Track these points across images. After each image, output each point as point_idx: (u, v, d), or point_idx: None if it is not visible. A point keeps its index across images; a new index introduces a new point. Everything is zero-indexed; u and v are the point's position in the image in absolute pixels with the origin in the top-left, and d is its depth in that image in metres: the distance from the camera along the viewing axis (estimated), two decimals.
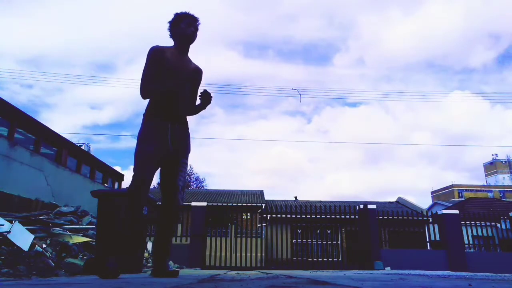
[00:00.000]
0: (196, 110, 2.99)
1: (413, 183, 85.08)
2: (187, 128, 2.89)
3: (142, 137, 2.72)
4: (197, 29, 2.84)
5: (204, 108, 2.94)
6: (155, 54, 2.71)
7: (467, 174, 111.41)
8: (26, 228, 4.21)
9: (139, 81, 2.72)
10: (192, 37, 2.84)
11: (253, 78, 76.68)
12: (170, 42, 2.92)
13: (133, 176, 2.70)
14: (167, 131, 2.71)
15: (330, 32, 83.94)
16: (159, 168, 2.82)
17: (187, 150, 2.87)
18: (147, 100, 2.82)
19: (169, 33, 2.87)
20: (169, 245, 2.80)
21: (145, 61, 2.74)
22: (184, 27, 2.80)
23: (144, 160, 2.68)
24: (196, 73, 2.95)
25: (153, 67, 2.71)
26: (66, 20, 67.70)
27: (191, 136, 2.94)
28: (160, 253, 2.77)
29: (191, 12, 2.86)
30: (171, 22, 2.84)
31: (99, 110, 76.73)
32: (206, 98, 2.84)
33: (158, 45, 2.77)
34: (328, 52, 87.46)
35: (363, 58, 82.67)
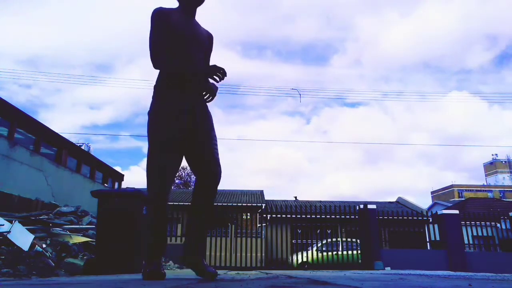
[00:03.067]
0: None
1: (413, 183, 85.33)
2: (205, 100, 2.54)
3: (156, 116, 2.35)
4: None
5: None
6: (160, 17, 2.38)
7: (466, 174, 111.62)
8: (26, 228, 4.21)
9: (148, 49, 2.39)
10: None
11: (251, 78, 76.73)
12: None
13: (151, 166, 2.32)
14: (184, 106, 2.36)
15: (328, 33, 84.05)
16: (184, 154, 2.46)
17: (211, 121, 2.52)
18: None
19: None
20: (202, 238, 2.42)
21: (150, 26, 2.40)
22: None
23: (163, 143, 2.30)
24: (208, 40, 2.64)
25: (160, 32, 2.37)
26: (64, 20, 67.79)
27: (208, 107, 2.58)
28: (194, 243, 2.35)
29: None
30: None
31: (98, 110, 76.76)
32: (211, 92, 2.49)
33: (161, 7, 2.43)
34: (326, 52, 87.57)
35: (360, 59, 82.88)
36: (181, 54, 2.41)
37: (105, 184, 16.36)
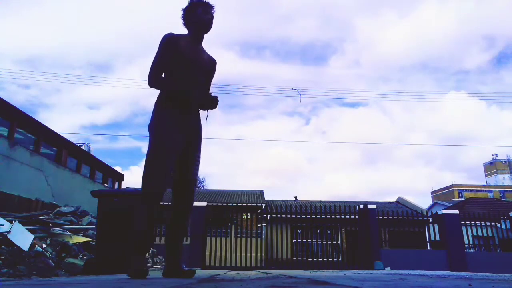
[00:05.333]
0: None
1: (412, 183, 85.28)
2: (199, 120, 2.79)
3: (157, 127, 2.57)
4: (213, 16, 2.74)
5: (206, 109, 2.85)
6: (169, 42, 2.59)
7: (464, 174, 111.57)
8: (26, 228, 4.21)
9: (149, 68, 2.61)
10: (208, 25, 2.73)
11: (250, 78, 76.75)
12: (183, 31, 2.78)
13: (151, 170, 2.50)
14: (180, 122, 2.60)
15: (327, 33, 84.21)
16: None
17: (200, 143, 2.76)
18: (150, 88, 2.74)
19: (182, 21, 2.74)
20: (182, 244, 2.70)
21: (157, 48, 2.61)
22: (200, 13, 2.67)
23: (163, 151, 2.52)
24: (211, 65, 2.86)
25: (166, 56, 2.59)
26: (64, 20, 67.79)
27: (201, 126, 2.83)
28: (173, 252, 2.63)
29: None
30: (185, 10, 2.73)
31: (97, 110, 76.78)
32: (212, 102, 2.76)
33: (172, 33, 2.65)
34: (325, 53, 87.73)
35: (359, 60, 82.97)
36: (184, 76, 2.64)
37: (105, 184, 16.36)
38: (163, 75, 2.67)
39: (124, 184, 18.71)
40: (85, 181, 13.80)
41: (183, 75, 2.63)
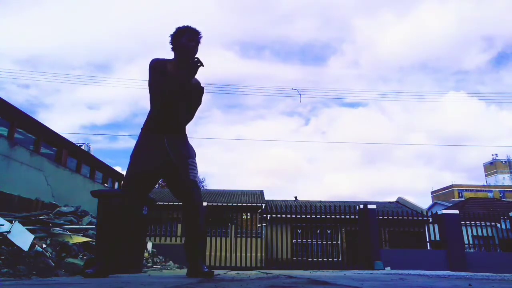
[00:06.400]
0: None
1: (411, 184, 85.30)
2: (185, 138, 2.95)
3: (135, 151, 2.80)
4: (198, 43, 2.88)
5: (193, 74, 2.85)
6: (157, 65, 2.78)
7: (464, 175, 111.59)
8: (26, 228, 4.21)
9: (148, 93, 2.80)
10: (192, 52, 2.85)
11: (250, 78, 76.82)
12: (169, 55, 2.91)
13: (124, 188, 2.79)
14: (163, 142, 2.76)
15: (326, 33, 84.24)
16: (167, 179, 2.89)
17: (190, 152, 2.89)
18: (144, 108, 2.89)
19: (170, 46, 2.89)
20: (199, 244, 2.84)
21: (148, 74, 2.79)
22: (185, 41, 2.82)
23: (135, 173, 2.75)
24: (196, 89, 2.94)
25: (156, 77, 2.77)
26: (64, 20, 67.77)
27: (189, 143, 2.97)
28: (192, 254, 2.79)
29: (193, 26, 2.89)
30: (172, 36, 2.86)
31: (97, 110, 76.81)
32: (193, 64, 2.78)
33: (158, 58, 2.83)
34: (324, 53, 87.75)
35: (358, 60, 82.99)
36: (168, 86, 2.76)
37: (105, 184, 16.35)
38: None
39: None
40: (85, 181, 13.78)
41: (168, 87, 2.76)
